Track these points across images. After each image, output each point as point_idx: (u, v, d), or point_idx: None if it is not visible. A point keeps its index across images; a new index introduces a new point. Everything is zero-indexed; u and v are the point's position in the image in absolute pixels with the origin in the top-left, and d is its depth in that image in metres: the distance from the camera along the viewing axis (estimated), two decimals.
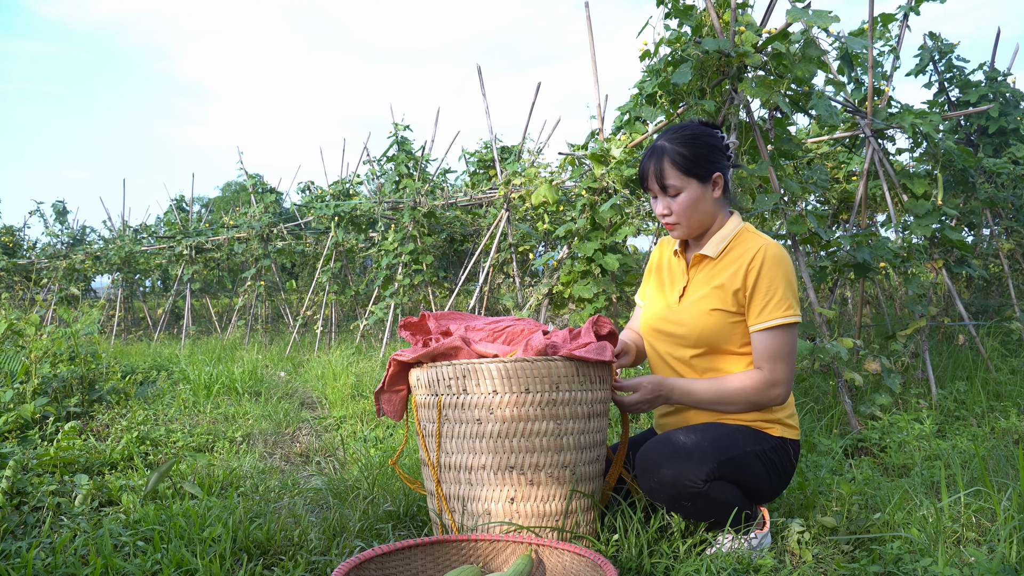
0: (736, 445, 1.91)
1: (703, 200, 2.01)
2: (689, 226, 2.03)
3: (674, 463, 1.83)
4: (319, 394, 4.91)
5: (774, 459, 1.98)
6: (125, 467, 2.99)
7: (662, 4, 3.39)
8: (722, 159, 2.04)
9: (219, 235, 9.79)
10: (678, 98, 3.53)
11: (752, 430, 1.99)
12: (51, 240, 12.00)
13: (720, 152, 2.03)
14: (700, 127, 2.06)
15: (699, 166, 1.98)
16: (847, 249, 3.42)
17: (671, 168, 1.98)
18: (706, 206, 2.02)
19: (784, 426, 2.03)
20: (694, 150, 1.99)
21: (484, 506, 1.86)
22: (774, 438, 2.00)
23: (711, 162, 2.00)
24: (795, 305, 1.97)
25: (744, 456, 1.91)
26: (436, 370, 1.90)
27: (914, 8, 4.19)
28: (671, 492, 1.84)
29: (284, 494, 2.60)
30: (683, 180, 1.99)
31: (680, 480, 1.82)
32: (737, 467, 1.89)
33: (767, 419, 2.01)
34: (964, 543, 1.93)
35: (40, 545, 2.04)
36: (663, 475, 1.83)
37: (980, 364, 4.15)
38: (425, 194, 7.19)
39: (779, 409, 2.03)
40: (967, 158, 4.13)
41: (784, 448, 2.01)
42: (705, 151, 2.00)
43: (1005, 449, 2.75)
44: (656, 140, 2.06)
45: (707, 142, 2.01)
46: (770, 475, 1.97)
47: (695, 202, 2.00)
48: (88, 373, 4.18)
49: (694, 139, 2.00)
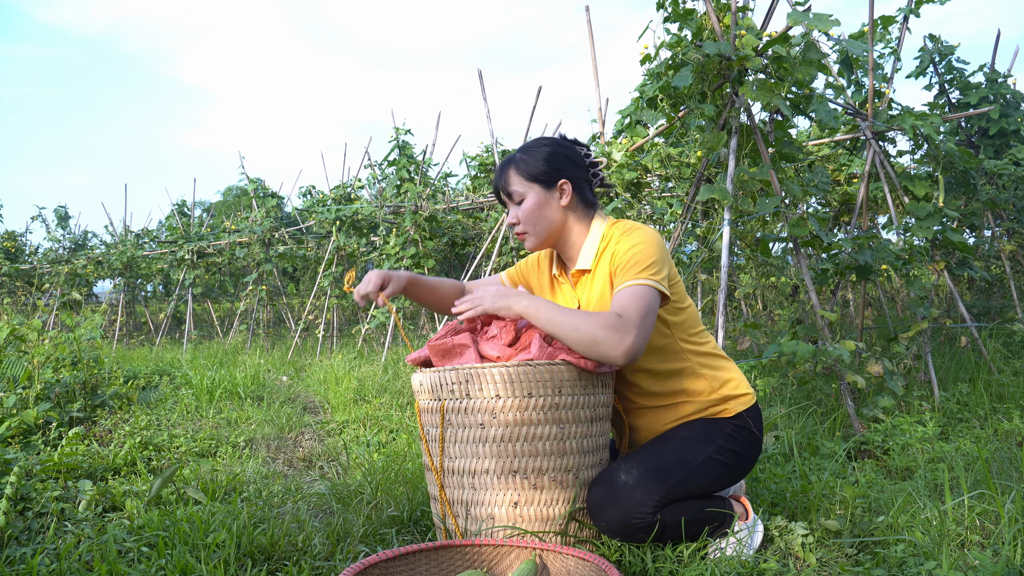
0: (684, 462, 1.88)
1: (547, 207, 2.01)
2: (536, 234, 2.02)
3: (617, 504, 1.81)
4: (321, 398, 4.91)
5: (734, 448, 1.95)
6: (128, 472, 2.99)
7: (662, 8, 3.39)
8: (572, 168, 2.03)
9: (221, 240, 9.80)
10: (679, 101, 3.54)
11: (704, 424, 1.96)
12: (53, 245, 12.01)
13: (571, 161, 2.04)
14: (555, 139, 2.08)
15: (542, 172, 2.00)
16: (848, 251, 3.42)
17: (514, 174, 2.02)
18: (551, 213, 2.01)
19: (735, 399, 1.99)
20: (537, 156, 2.01)
21: (488, 510, 1.87)
22: (730, 422, 1.97)
23: (557, 169, 2.01)
24: (653, 272, 1.85)
25: (696, 469, 1.88)
26: (439, 375, 1.90)
27: (914, 10, 4.19)
28: (623, 532, 1.82)
29: (287, 499, 2.60)
30: (525, 185, 2.01)
31: (627, 520, 1.79)
32: (690, 484, 1.87)
33: (717, 401, 1.98)
34: (968, 546, 1.93)
35: (45, 551, 2.04)
36: (610, 517, 1.81)
37: (983, 366, 4.15)
38: (427, 198, 7.20)
39: (722, 385, 1.99)
40: (968, 160, 4.14)
41: (742, 425, 1.98)
42: (551, 158, 2.01)
43: (1008, 451, 2.75)
44: None
45: (556, 151, 2.03)
46: (733, 467, 1.95)
47: (538, 208, 2.00)
48: (91, 378, 4.18)
49: (541, 147, 2.03)
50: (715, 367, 2.03)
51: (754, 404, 2.04)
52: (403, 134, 7.85)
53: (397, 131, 7.85)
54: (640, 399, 2.05)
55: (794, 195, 3.44)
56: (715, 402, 1.99)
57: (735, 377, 2.04)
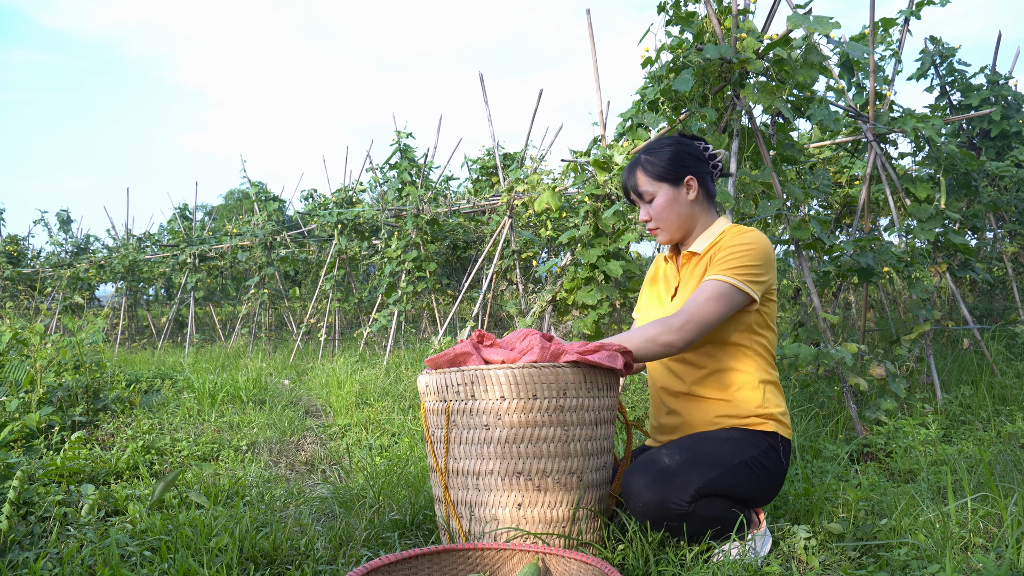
0: (723, 460, 1.92)
1: (677, 202, 2.11)
2: (668, 229, 2.14)
3: (657, 488, 1.84)
4: (323, 402, 4.91)
5: (765, 464, 1.98)
6: (131, 476, 2.99)
7: (663, 11, 3.40)
8: (696, 164, 2.13)
9: (222, 243, 9.81)
10: (680, 104, 3.54)
11: (744, 433, 1.99)
12: (55, 249, 12.03)
13: (693, 158, 2.14)
14: (676, 138, 2.19)
15: (669, 171, 2.10)
16: (850, 254, 3.42)
17: (642, 175, 2.13)
18: (681, 208, 2.12)
19: (777, 422, 2.04)
20: (663, 156, 2.11)
21: (491, 512, 1.87)
22: (765, 440, 2.00)
23: (682, 166, 2.11)
24: (748, 275, 1.98)
25: (732, 470, 1.91)
26: (444, 376, 1.90)
27: (915, 12, 4.20)
28: (656, 516, 1.85)
29: (290, 503, 2.60)
30: (654, 185, 2.11)
31: (664, 504, 1.83)
32: (725, 483, 1.90)
33: (760, 414, 2.02)
34: (971, 549, 1.93)
35: (47, 555, 2.04)
36: (647, 499, 1.84)
37: (985, 368, 4.14)
38: (428, 201, 7.20)
39: (770, 406, 2.03)
40: (969, 162, 4.14)
41: (775, 449, 2.02)
42: (675, 157, 2.11)
43: (1011, 453, 2.75)
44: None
45: (678, 150, 2.13)
46: (761, 481, 1.97)
47: (669, 204, 2.11)
48: (93, 382, 4.19)
49: (664, 148, 2.13)
50: (773, 393, 2.08)
51: (789, 440, 2.08)
52: (404, 137, 7.87)
53: (398, 134, 7.86)
54: (693, 384, 2.08)
55: (796, 197, 3.44)
56: (758, 416, 2.02)
57: (783, 408, 2.09)
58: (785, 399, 2.16)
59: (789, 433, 2.08)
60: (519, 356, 1.91)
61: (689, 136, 2.21)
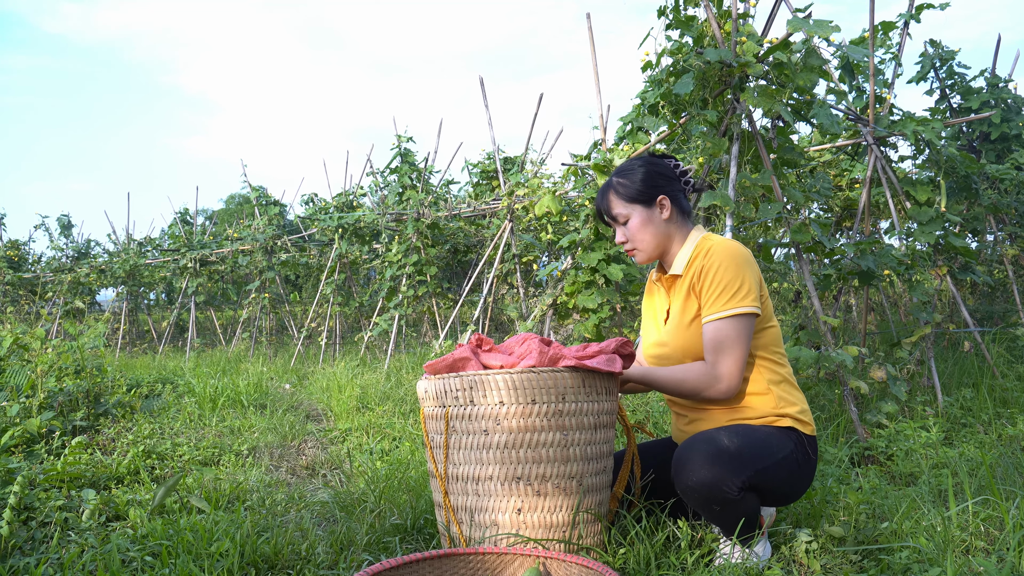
0: (770, 452, 1.92)
1: (651, 223, 2.12)
2: (646, 249, 2.15)
3: (715, 467, 1.82)
4: (324, 406, 4.91)
5: (799, 459, 1.98)
6: (132, 481, 2.99)
7: (663, 15, 3.40)
8: (668, 183, 2.14)
9: (223, 248, 9.82)
10: (680, 108, 3.54)
11: (778, 430, 1.99)
12: (56, 254, 12.03)
13: (664, 177, 2.15)
14: (646, 158, 2.19)
15: (641, 192, 2.12)
16: (851, 257, 3.42)
17: (615, 198, 2.14)
18: (656, 228, 2.12)
19: (795, 420, 2.02)
20: (634, 178, 2.13)
21: (491, 517, 1.86)
22: (795, 434, 2.00)
23: (653, 187, 2.12)
24: (741, 297, 1.98)
25: (776, 464, 1.91)
26: (443, 381, 1.90)
27: (915, 16, 4.20)
28: (705, 495, 1.84)
29: (291, 508, 2.60)
30: (628, 207, 2.13)
31: (717, 486, 1.82)
32: (767, 477, 1.89)
33: (779, 413, 2.01)
34: (973, 552, 1.93)
35: (48, 561, 2.04)
36: (702, 477, 1.83)
37: (986, 371, 4.14)
38: (428, 205, 7.21)
39: (787, 406, 2.02)
40: (970, 164, 4.14)
41: (802, 445, 2.01)
42: (646, 178, 2.13)
43: (1012, 456, 2.74)
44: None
45: (649, 171, 2.14)
46: (793, 475, 1.97)
47: (643, 225, 2.12)
48: (94, 387, 4.19)
49: (635, 169, 2.15)
50: (786, 391, 2.06)
51: (814, 437, 2.06)
52: (405, 141, 7.87)
53: (399, 138, 7.86)
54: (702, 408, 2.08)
55: (796, 201, 3.44)
56: (779, 415, 2.01)
57: (802, 406, 2.07)
58: (803, 393, 2.14)
59: (812, 430, 2.06)
60: (518, 361, 1.91)
61: (659, 155, 2.22)
